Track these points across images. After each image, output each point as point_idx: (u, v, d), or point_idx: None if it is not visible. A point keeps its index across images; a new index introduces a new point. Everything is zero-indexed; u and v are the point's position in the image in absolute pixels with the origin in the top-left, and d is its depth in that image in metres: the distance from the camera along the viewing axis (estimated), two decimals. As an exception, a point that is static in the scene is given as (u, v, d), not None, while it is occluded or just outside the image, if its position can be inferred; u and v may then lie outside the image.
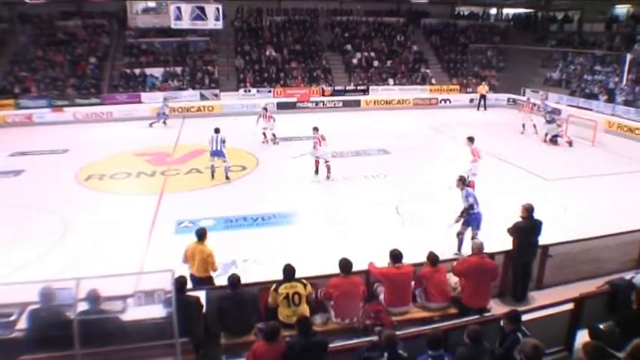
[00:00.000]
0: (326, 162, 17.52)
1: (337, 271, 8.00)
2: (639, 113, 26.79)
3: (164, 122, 27.60)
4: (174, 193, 16.03)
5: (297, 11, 40.20)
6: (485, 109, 33.43)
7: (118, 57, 34.28)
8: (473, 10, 45.17)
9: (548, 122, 23.86)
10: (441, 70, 38.59)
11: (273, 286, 7.76)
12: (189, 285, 8.18)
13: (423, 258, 8.51)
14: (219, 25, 21.87)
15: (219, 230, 12.97)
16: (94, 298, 6.65)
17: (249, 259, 10.64)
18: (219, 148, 17.04)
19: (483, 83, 34.98)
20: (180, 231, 12.94)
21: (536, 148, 22.61)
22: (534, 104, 28.15)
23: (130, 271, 9.57)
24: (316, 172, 17.80)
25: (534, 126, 25.28)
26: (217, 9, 21.36)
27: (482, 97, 33.88)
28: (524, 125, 25.70)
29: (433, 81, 36.82)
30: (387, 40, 39.73)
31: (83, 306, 6.45)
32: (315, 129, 17.95)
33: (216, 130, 17.28)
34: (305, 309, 7.73)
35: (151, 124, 27.27)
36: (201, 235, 9.04)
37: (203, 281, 8.79)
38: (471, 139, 15.88)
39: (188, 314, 6.87)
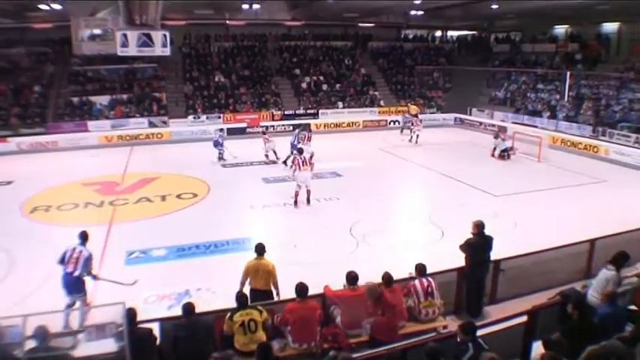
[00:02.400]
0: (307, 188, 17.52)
1: (293, 295, 7.96)
2: (581, 128, 27.84)
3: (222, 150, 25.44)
4: (123, 224, 15.67)
5: (245, 37, 40.37)
6: (402, 131, 32.21)
7: (63, 85, 33.56)
8: (418, 33, 46.26)
9: (495, 138, 24.97)
10: (389, 92, 39.22)
11: (229, 314, 7.66)
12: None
13: (378, 278, 8.54)
14: (167, 51, 21.72)
15: (171, 259, 12.82)
16: (42, 334, 6.41)
17: (203, 288, 10.48)
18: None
19: (409, 104, 35.63)
20: (130, 262, 12.68)
21: (485, 166, 23.15)
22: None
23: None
24: (295, 203, 17.26)
25: (416, 137, 28.87)
26: (164, 35, 21.20)
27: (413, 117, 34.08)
28: (402, 130, 30.84)
29: (382, 103, 37.41)
30: (335, 63, 40.21)
31: (31, 344, 6.22)
32: (300, 151, 18.34)
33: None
34: (262, 336, 7.64)
35: (220, 158, 25.04)
36: (261, 250, 9.19)
37: (266, 295, 8.97)
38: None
39: (141, 347, 6.71)
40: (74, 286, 9.61)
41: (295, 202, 17.17)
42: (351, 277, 8.33)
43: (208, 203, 17.93)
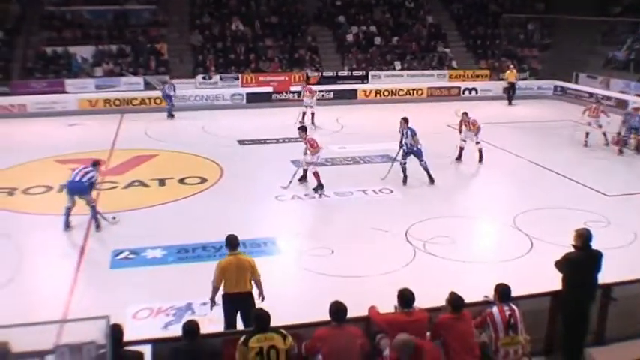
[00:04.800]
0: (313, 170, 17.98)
1: (327, 317, 7.96)
2: None
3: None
4: (109, 214, 15.92)
5: (273, -30, 40.31)
6: (510, 102, 33.61)
7: (34, 31, 34.02)
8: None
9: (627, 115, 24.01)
10: (464, 49, 38.86)
11: (243, 337, 7.64)
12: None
13: (441, 300, 8.51)
14: (170, -11, 21.91)
15: (170, 263, 13.00)
16: (1, 354, 6.57)
17: (210, 302, 10.60)
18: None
19: (511, 67, 34.77)
20: (117, 264, 12.90)
21: (594, 155, 22.67)
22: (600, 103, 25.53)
23: (50, 317, 9.48)
24: (322, 186, 17.90)
25: (604, 134, 23.67)
26: (167, -33, 21.35)
27: (511, 85, 33.86)
28: (587, 134, 23.90)
29: (454, 64, 37.07)
30: (393, 9, 39.91)
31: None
32: (305, 129, 18.65)
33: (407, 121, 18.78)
34: (284, 368, 7.69)
35: (171, 115, 29.08)
36: (234, 242, 9.76)
37: (250, 297, 9.54)
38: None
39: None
40: (81, 189, 14.42)
41: (321, 186, 17.62)
42: (406, 297, 8.21)
43: (220, 191, 18.08)
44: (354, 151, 22.10)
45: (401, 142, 18.77)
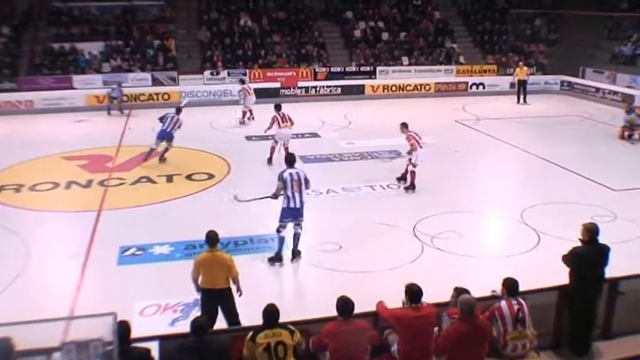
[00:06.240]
0: (284, 145, 19.97)
1: (334, 313, 7.96)
2: None
3: (120, 110, 29.15)
4: (117, 210, 15.94)
5: (280, -35, 40.27)
6: (524, 99, 32.39)
7: (42, 27, 34.07)
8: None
9: (627, 113, 24.10)
10: (472, 44, 38.76)
11: (250, 333, 7.66)
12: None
13: (449, 295, 8.48)
14: (177, -16, 21.92)
15: (177, 259, 12.93)
16: (4, 352, 6.53)
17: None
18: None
19: (520, 64, 33.68)
20: (124, 261, 12.88)
21: (602, 150, 22.60)
22: None
23: (56, 314, 9.47)
24: (270, 160, 20.13)
25: None
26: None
27: (522, 83, 32.92)
28: None
29: (462, 59, 36.97)
30: (401, 5, 39.82)
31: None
32: (277, 107, 20.64)
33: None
34: (292, 364, 7.69)
35: (109, 111, 29.09)
36: (213, 239, 9.78)
37: (228, 293, 9.67)
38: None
39: (135, 372, 6.82)
40: (169, 137, 19.80)
41: (270, 160, 20.04)
42: (414, 292, 8.17)
43: (228, 187, 17.95)
44: (362, 146, 22.13)
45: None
